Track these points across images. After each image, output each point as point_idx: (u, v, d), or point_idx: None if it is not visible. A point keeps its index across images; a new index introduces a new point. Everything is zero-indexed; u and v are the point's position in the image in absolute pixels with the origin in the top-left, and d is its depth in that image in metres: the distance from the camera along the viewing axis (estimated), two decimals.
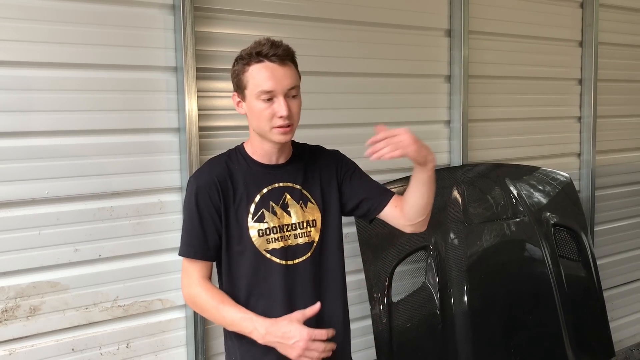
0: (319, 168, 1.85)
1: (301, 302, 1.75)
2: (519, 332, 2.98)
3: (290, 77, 1.68)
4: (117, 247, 2.27)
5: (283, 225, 1.75)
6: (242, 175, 1.75)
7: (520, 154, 3.42)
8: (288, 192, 1.78)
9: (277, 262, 1.74)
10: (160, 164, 2.33)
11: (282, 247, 1.75)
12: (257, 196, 1.75)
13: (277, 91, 1.65)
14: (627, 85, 3.96)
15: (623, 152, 3.99)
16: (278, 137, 1.69)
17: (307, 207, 1.80)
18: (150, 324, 2.36)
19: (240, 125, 2.50)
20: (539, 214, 3.18)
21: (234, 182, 1.74)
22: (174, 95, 2.33)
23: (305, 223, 1.79)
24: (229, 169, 1.76)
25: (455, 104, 3.09)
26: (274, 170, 1.79)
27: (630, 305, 4.12)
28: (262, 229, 1.73)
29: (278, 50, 1.66)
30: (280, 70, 1.66)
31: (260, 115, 1.67)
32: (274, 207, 1.75)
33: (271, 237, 1.74)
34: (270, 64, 1.66)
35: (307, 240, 1.79)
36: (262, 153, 1.78)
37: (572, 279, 3.18)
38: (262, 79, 1.65)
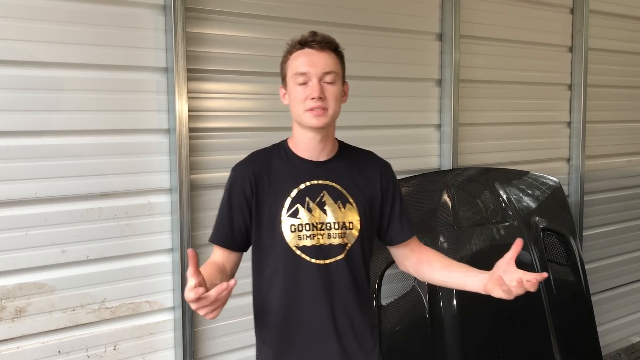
0: (365, 172, 1.82)
1: (328, 302, 1.73)
2: (507, 336, 2.99)
3: (326, 62, 1.69)
4: (105, 249, 2.25)
5: (317, 223, 1.72)
6: (282, 169, 1.76)
7: (509, 158, 3.43)
8: (327, 190, 1.75)
9: (306, 260, 1.71)
10: (150, 165, 2.32)
11: (313, 245, 1.72)
12: (294, 191, 1.73)
13: (311, 74, 1.67)
14: (616, 91, 3.98)
15: (612, 157, 4.02)
16: (310, 121, 1.68)
17: (345, 207, 1.75)
18: (138, 326, 2.34)
19: (231, 127, 2.50)
20: (528, 218, 3.19)
21: (271, 176, 1.75)
22: (164, 96, 2.32)
23: (341, 224, 1.74)
24: (270, 162, 1.77)
25: (446, 108, 3.10)
26: (315, 166, 1.77)
27: (617, 309, 4.14)
28: (295, 225, 1.71)
29: (317, 37, 1.71)
30: (316, 55, 1.69)
31: (295, 98, 1.70)
32: (309, 204, 1.73)
33: (303, 234, 1.71)
34: (309, 50, 1.70)
35: (341, 242, 1.74)
36: (303, 147, 1.77)
37: (560, 283, 3.19)
38: (298, 63, 1.69)
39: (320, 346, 1.75)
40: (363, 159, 1.84)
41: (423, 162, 3.09)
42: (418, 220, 2.89)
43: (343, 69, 1.76)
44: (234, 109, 2.50)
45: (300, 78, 1.67)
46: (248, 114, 2.53)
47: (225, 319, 2.52)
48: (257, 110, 2.54)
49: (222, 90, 2.46)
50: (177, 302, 2.38)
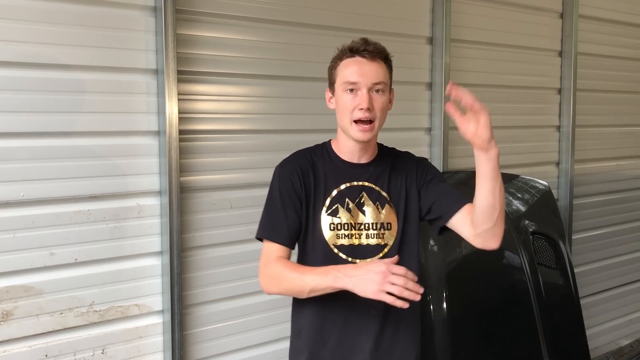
0: (403, 173, 1.84)
1: (364, 301, 1.66)
2: (497, 339, 2.99)
3: (376, 73, 1.70)
4: (94, 251, 2.23)
5: (355, 224, 1.77)
6: (324, 169, 1.79)
7: (499, 161, 3.43)
8: (366, 191, 1.79)
9: (343, 259, 1.75)
10: (140, 167, 2.30)
11: (350, 245, 1.76)
12: (334, 191, 1.78)
13: (361, 84, 1.68)
14: (605, 95, 4.01)
15: (601, 161, 4.05)
16: (357, 135, 1.71)
17: (383, 209, 1.79)
18: (127, 329, 2.32)
19: (221, 129, 2.49)
20: (517, 222, 3.20)
21: (315, 175, 1.78)
22: (154, 98, 2.31)
23: (379, 225, 1.78)
24: (313, 161, 1.80)
25: (437, 112, 3.10)
26: (356, 168, 1.81)
27: (606, 312, 4.16)
28: (334, 224, 1.76)
29: (369, 46, 1.71)
30: (367, 65, 1.70)
31: (343, 107, 1.72)
32: (349, 204, 1.77)
33: (341, 233, 1.75)
34: (360, 59, 1.71)
35: (378, 242, 1.78)
36: (346, 150, 1.80)
37: (549, 286, 3.20)
38: (349, 72, 1.70)
39: (353, 345, 1.77)
40: (402, 160, 1.88)
41: None
42: None
43: (391, 77, 1.78)
44: (225, 111, 2.49)
45: (349, 87, 1.70)
46: (239, 117, 2.52)
47: (214, 322, 2.51)
48: (247, 112, 2.54)
49: (213, 92, 2.45)
50: (166, 305, 2.36)
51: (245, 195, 2.54)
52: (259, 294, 2.57)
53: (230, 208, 2.50)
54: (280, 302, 2.60)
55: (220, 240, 2.49)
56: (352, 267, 1.62)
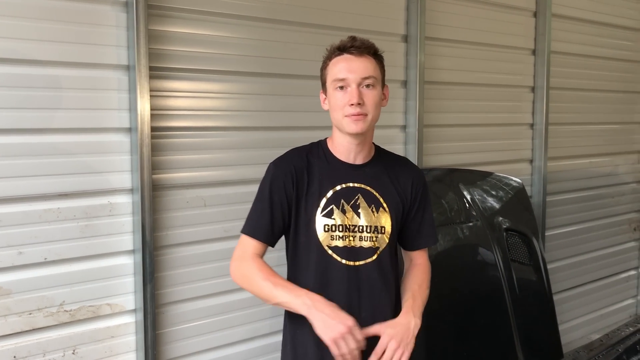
0: (398, 178, 1.86)
1: (356, 303, 1.77)
2: (471, 335, 3.02)
3: (365, 68, 1.72)
4: (64, 250, 2.19)
5: (350, 225, 1.77)
6: (320, 169, 1.80)
7: (474, 159, 3.47)
8: (362, 193, 1.80)
9: (337, 260, 1.77)
10: (111, 165, 2.26)
11: (344, 247, 1.77)
12: (330, 192, 1.78)
13: (350, 79, 1.70)
14: (578, 93, 4.06)
15: (573, 158, 4.10)
16: (350, 126, 1.72)
17: (378, 212, 1.81)
18: (98, 329, 2.29)
19: (194, 126, 2.46)
20: (491, 219, 3.23)
21: (310, 175, 1.79)
22: (125, 95, 2.27)
23: (373, 227, 1.79)
24: (309, 161, 1.81)
25: (411, 109, 3.11)
26: (352, 169, 1.82)
27: (578, 308, 4.23)
28: (329, 225, 1.76)
29: (356, 42, 1.73)
30: (356, 61, 1.71)
31: (335, 105, 1.74)
32: (344, 206, 1.78)
33: (336, 234, 1.76)
34: (348, 55, 1.72)
35: (372, 245, 1.79)
36: (342, 150, 1.82)
37: (523, 282, 3.23)
38: (337, 69, 1.72)
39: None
40: (398, 165, 1.90)
41: None
42: None
43: (383, 72, 1.80)
44: (198, 108, 2.46)
45: (339, 84, 1.71)
46: (212, 113, 2.50)
47: (188, 321, 2.48)
48: (220, 109, 2.51)
49: (186, 88, 2.43)
50: (138, 305, 2.33)
51: (219, 193, 2.52)
52: (232, 292, 2.56)
53: (203, 206, 2.48)
54: (253, 301, 2.59)
55: (193, 238, 2.47)
56: (324, 305, 1.64)
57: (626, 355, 2.08)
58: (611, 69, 4.27)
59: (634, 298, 4.76)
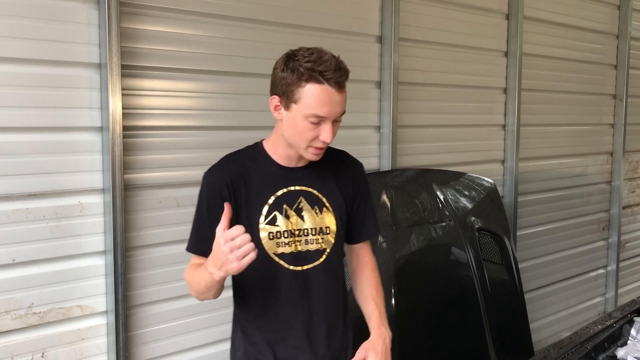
0: (339, 175, 1.82)
1: (308, 308, 1.74)
2: (444, 334, 3.04)
3: (343, 104, 1.63)
4: (32, 251, 2.15)
5: (295, 230, 1.71)
6: (258, 175, 1.71)
7: (447, 159, 3.50)
8: (304, 196, 1.74)
9: (285, 267, 1.71)
10: (81, 164, 2.23)
11: (291, 252, 1.71)
12: (272, 198, 1.70)
13: (329, 117, 1.61)
14: (548, 95, 4.12)
15: (544, 159, 4.16)
16: (311, 157, 1.68)
17: (322, 212, 1.75)
18: (69, 331, 2.25)
19: (167, 125, 2.44)
20: (464, 219, 3.26)
21: (247, 181, 1.70)
22: (97, 93, 2.24)
23: (318, 229, 1.74)
24: (245, 166, 1.72)
25: (385, 110, 3.12)
26: (292, 173, 1.75)
27: (549, 306, 4.29)
28: (273, 232, 1.69)
29: (341, 75, 1.60)
30: (337, 97, 1.60)
31: (302, 134, 1.63)
32: (287, 211, 1.71)
33: (281, 241, 1.70)
34: (330, 89, 1.58)
35: (319, 247, 1.74)
36: (284, 156, 1.74)
37: (495, 281, 3.27)
38: (318, 103, 1.58)
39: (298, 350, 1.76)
40: (338, 160, 1.85)
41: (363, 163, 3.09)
42: None
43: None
44: (170, 107, 2.44)
45: (315, 119, 1.60)
46: (185, 112, 2.48)
47: (160, 322, 2.46)
48: (194, 108, 2.50)
49: (158, 87, 2.40)
50: (110, 306, 2.30)
51: (192, 193, 2.46)
52: None
53: (176, 206, 2.46)
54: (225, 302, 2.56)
55: (166, 239, 2.44)
56: (211, 256, 1.55)
57: (594, 352, 2.11)
58: (581, 71, 4.35)
59: (603, 296, 4.86)
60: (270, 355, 1.75)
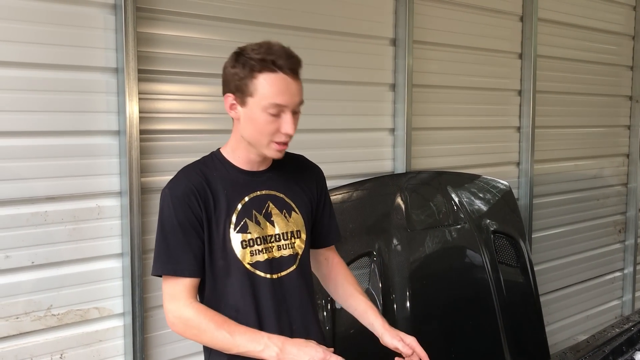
0: (302, 178, 1.77)
1: (286, 317, 1.68)
2: (459, 337, 3.03)
3: (300, 93, 1.57)
4: (51, 254, 2.18)
5: (267, 236, 1.65)
6: (222, 182, 1.63)
7: (461, 162, 3.50)
8: (271, 200, 1.67)
9: (261, 276, 1.64)
10: (99, 168, 2.26)
11: (266, 260, 1.65)
12: (239, 205, 1.63)
13: (289, 107, 1.54)
14: (563, 97, 4.10)
15: (559, 161, 4.14)
16: (274, 153, 1.61)
17: (290, 216, 1.70)
18: (86, 333, 2.28)
19: (183, 129, 2.46)
20: (479, 221, 3.25)
21: (212, 191, 1.61)
22: (114, 97, 2.27)
23: (289, 234, 1.69)
24: (206, 176, 1.62)
25: (400, 112, 3.13)
26: (256, 177, 1.68)
27: (564, 309, 4.26)
28: (246, 240, 1.62)
29: (292, 59, 1.54)
30: (294, 85, 1.54)
31: (262, 128, 1.56)
32: (257, 217, 1.64)
33: (255, 249, 1.63)
34: (284, 76, 1.52)
35: (291, 252, 1.69)
36: (246, 160, 1.67)
37: (510, 284, 3.26)
38: (275, 92, 1.52)
39: None
40: (298, 164, 1.80)
41: (377, 166, 3.11)
42: (372, 223, 2.91)
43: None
44: (186, 110, 2.46)
45: (274, 109, 1.53)
46: (201, 116, 2.50)
47: None
48: (209, 112, 2.51)
49: (174, 91, 2.42)
50: (127, 308, 2.32)
51: None
52: None
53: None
54: None
55: None
56: (290, 344, 1.53)
57: (612, 356, 2.09)
58: (597, 72, 4.32)
59: (620, 299, 4.81)
60: None
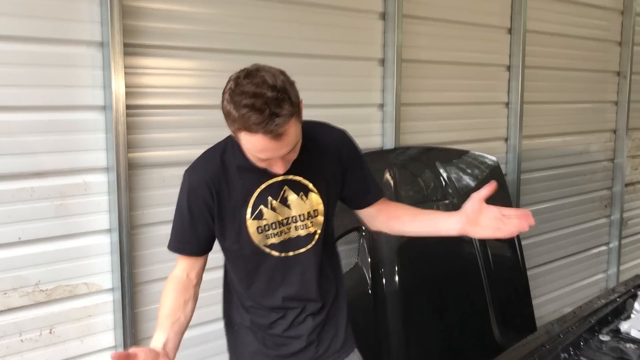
0: (324, 153, 1.73)
1: (305, 290, 1.75)
2: (448, 311, 3.06)
3: (288, 144, 1.48)
4: (38, 230, 2.17)
5: (282, 220, 1.69)
6: (238, 170, 1.64)
7: (450, 137, 3.50)
8: (287, 184, 1.68)
9: (276, 256, 1.70)
10: (85, 143, 2.24)
11: (281, 241, 1.70)
12: (255, 193, 1.66)
13: (275, 158, 1.51)
14: (552, 72, 4.10)
15: (547, 137, 4.15)
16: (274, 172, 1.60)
17: (307, 197, 1.71)
18: (75, 308, 2.28)
19: (170, 104, 2.44)
20: (467, 197, 3.23)
21: (229, 179, 1.64)
22: (99, 72, 2.23)
23: (306, 215, 1.71)
24: (224, 164, 1.64)
25: (389, 88, 3.11)
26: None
27: (551, 283, 4.32)
28: (262, 226, 1.67)
29: (275, 123, 1.41)
30: (275, 144, 1.45)
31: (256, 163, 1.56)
32: (272, 203, 1.67)
33: (270, 233, 1.68)
34: (263, 137, 1.43)
35: (308, 232, 1.72)
36: None
37: (498, 258, 3.29)
38: (255, 150, 1.48)
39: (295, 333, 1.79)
40: (321, 138, 1.75)
41: (366, 142, 3.09)
42: None
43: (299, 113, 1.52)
44: (174, 85, 2.44)
45: (259, 160, 1.52)
46: (188, 91, 2.47)
47: None
48: (197, 87, 2.49)
49: (161, 66, 2.39)
50: (116, 283, 2.32)
51: None
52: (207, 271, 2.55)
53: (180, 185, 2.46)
54: None
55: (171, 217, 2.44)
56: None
57: (598, 326, 2.12)
58: (585, 48, 4.32)
59: (605, 273, 4.88)
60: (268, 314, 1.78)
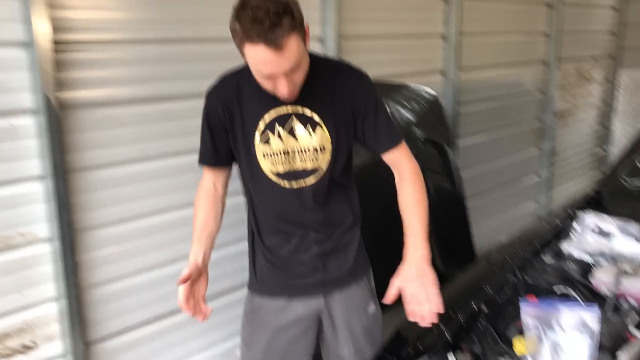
0: (338, 91, 1.77)
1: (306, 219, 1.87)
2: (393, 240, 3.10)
3: (289, 59, 1.53)
4: None
5: (288, 150, 1.76)
6: (252, 94, 1.73)
7: (387, 71, 3.46)
8: (296, 116, 1.75)
9: (280, 185, 1.80)
10: (8, 82, 2.05)
11: (286, 172, 1.78)
12: (265, 117, 1.74)
13: (277, 74, 1.57)
14: (489, 4, 4.10)
15: (484, 69, 4.19)
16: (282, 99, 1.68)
17: (315, 132, 1.76)
18: (12, 260, 2.16)
19: (103, 40, 2.27)
20: (407, 130, 3.27)
21: (241, 102, 1.74)
22: (17, 4, 2.04)
23: (312, 148, 1.77)
24: (239, 87, 1.75)
25: (329, 20, 3.02)
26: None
27: (485, 213, 4.46)
28: (267, 152, 1.76)
29: (275, 34, 1.46)
30: (276, 57, 1.51)
31: (262, 84, 1.65)
32: (279, 131, 1.74)
33: (275, 160, 1.77)
34: (264, 48, 1.49)
35: (314, 166, 1.79)
36: None
37: (438, 190, 3.34)
38: (258, 64, 1.56)
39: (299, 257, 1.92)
40: (337, 76, 1.79)
41: None
42: None
43: (302, 29, 1.55)
44: (105, 19, 2.26)
45: (265, 76, 1.59)
46: (120, 26, 2.31)
47: (107, 246, 2.39)
48: (131, 20, 2.32)
49: None
50: (54, 232, 2.21)
51: (132, 112, 2.38)
52: (152, 215, 2.48)
53: (116, 126, 2.34)
54: (175, 224, 2.53)
55: (108, 160, 2.34)
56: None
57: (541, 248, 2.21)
58: None
59: (536, 202, 5.10)
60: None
